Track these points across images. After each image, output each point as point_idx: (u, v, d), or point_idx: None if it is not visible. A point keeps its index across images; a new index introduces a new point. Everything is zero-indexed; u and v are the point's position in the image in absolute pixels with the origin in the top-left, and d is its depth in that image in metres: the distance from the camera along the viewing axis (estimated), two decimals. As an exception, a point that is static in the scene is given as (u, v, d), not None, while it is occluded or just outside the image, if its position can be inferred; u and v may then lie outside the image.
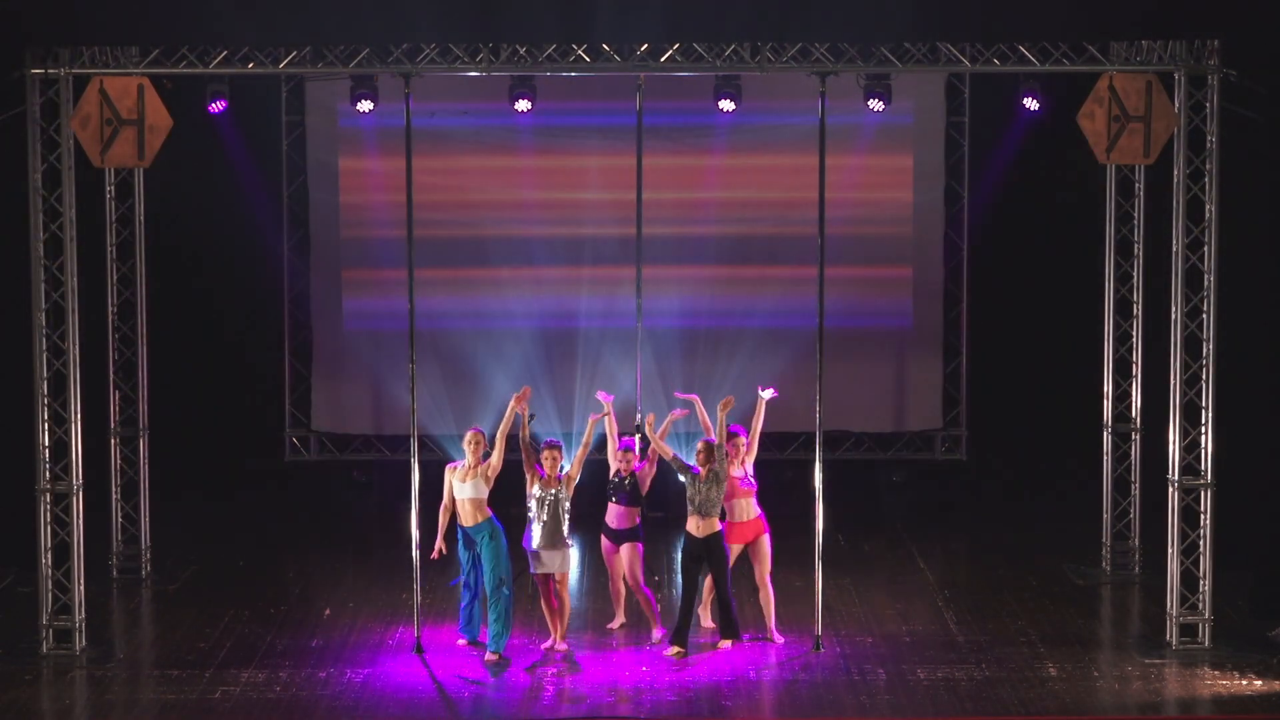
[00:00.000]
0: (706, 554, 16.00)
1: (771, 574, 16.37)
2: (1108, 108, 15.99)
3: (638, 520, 16.48)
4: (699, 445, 16.09)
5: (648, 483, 16.52)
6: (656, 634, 16.47)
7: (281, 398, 21.63)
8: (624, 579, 16.56)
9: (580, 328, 21.12)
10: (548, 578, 16.06)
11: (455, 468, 16.03)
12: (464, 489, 15.91)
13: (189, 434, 20.81)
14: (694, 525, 16.00)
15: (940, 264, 21.55)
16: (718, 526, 16.02)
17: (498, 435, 15.98)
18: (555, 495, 15.97)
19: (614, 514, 16.47)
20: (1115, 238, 18.31)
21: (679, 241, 20.75)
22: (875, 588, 18.29)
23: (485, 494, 15.94)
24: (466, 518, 15.95)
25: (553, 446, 16.09)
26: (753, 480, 16.40)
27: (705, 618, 16.66)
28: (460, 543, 16.09)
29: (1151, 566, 18.13)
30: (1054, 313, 21.15)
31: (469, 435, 16.06)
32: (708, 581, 16.44)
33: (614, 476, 16.50)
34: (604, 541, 16.57)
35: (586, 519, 17.33)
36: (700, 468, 15.99)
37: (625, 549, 16.43)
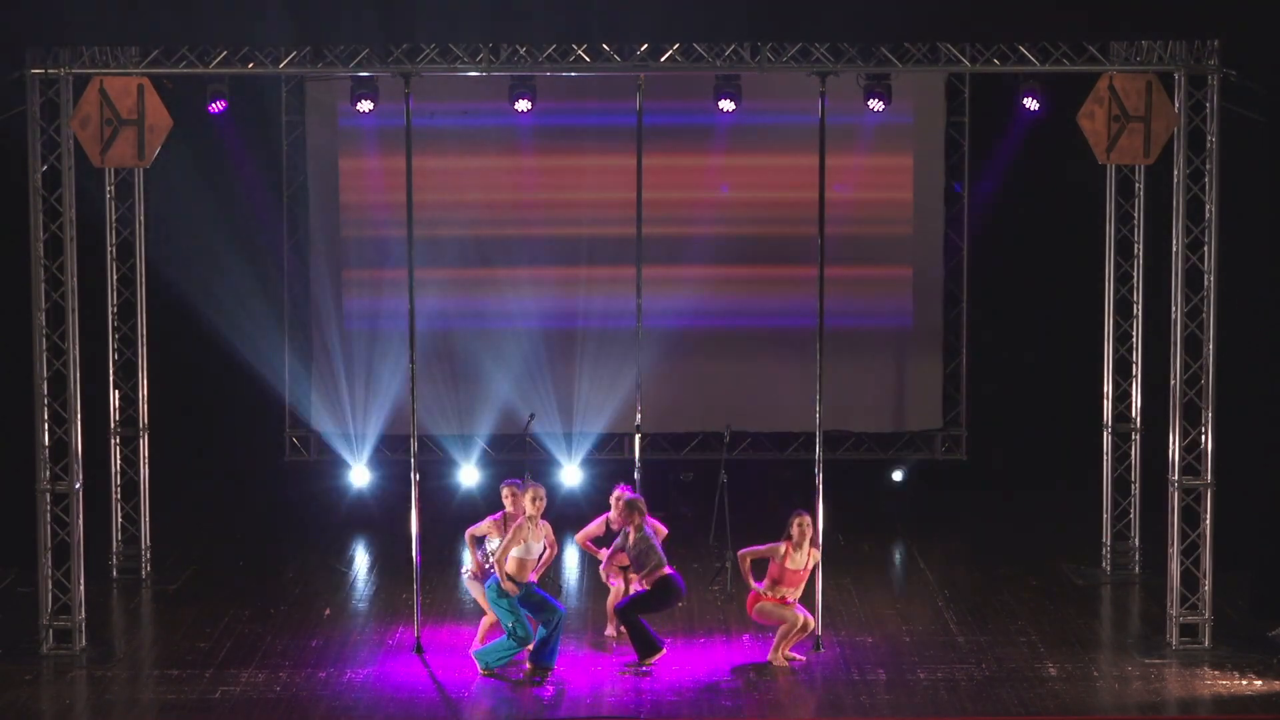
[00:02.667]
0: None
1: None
2: (1108, 108, 15.99)
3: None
4: (618, 500, 16.08)
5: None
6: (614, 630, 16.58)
7: (281, 398, 21.63)
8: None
9: (580, 328, 21.12)
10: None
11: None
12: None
13: (189, 434, 20.80)
14: (637, 582, 16.02)
15: (940, 264, 21.55)
16: (663, 573, 15.90)
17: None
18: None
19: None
20: (1115, 238, 18.31)
21: (679, 241, 20.74)
22: (875, 588, 18.29)
23: (533, 554, 15.61)
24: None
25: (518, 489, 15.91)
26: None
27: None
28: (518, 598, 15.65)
29: (1151, 566, 18.13)
30: (1054, 313, 21.14)
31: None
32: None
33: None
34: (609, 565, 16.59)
35: (582, 521, 17.27)
36: (632, 530, 15.93)
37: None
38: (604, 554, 16.45)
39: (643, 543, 15.90)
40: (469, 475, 20.87)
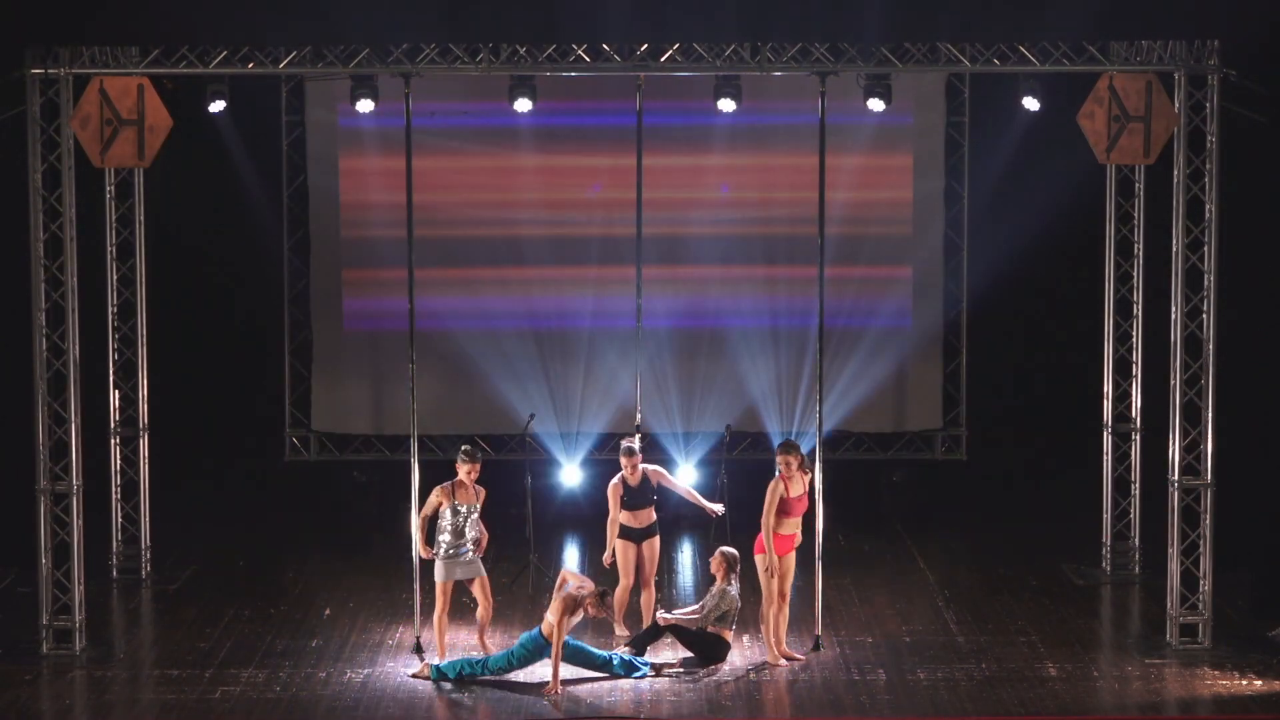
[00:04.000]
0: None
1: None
2: (1108, 108, 15.99)
3: (654, 517, 16.58)
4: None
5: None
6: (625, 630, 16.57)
7: (281, 398, 21.62)
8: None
9: (580, 328, 21.12)
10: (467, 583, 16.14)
11: None
12: None
13: (189, 434, 20.79)
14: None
15: (940, 264, 21.54)
16: (723, 634, 16.01)
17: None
18: (471, 508, 16.02)
19: (634, 517, 16.50)
20: (1115, 238, 18.31)
21: (679, 241, 20.74)
22: (875, 588, 18.29)
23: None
24: None
25: (470, 459, 16.00)
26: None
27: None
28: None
29: (1151, 566, 18.13)
30: (1054, 313, 21.14)
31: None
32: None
33: (624, 493, 16.49)
34: (622, 544, 16.56)
35: (590, 521, 17.29)
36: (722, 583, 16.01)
37: (647, 545, 16.50)
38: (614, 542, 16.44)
39: (733, 604, 15.90)
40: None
